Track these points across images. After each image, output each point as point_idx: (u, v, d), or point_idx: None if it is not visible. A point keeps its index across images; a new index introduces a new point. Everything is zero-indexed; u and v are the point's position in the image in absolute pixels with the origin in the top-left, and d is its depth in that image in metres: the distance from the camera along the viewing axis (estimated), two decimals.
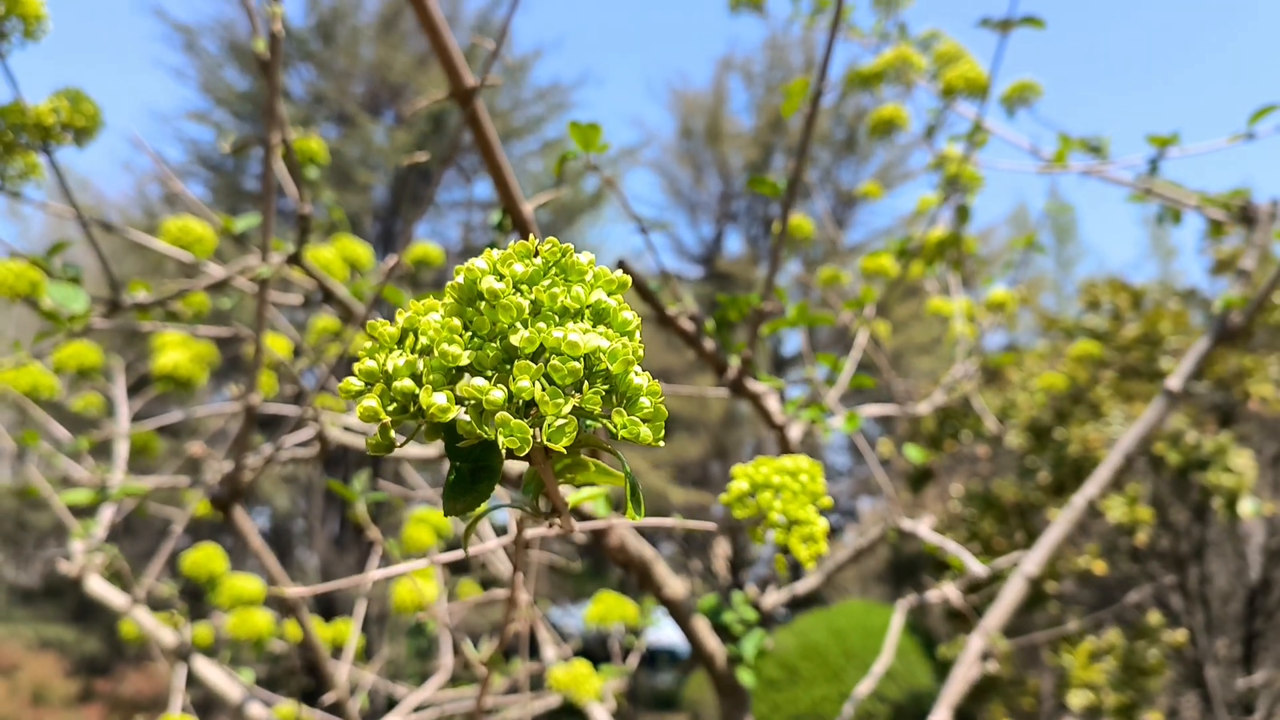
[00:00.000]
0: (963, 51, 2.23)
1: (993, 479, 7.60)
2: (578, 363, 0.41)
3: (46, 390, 2.18)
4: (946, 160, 2.16)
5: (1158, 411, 1.95)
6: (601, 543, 1.55)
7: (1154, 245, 18.95)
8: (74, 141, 1.47)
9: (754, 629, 1.73)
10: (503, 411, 0.41)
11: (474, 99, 1.16)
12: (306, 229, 1.47)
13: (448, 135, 16.55)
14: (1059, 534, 1.97)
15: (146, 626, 1.87)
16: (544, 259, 0.46)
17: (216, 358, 2.38)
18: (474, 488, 0.46)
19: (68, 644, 15.04)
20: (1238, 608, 7.50)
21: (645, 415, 0.43)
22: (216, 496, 1.39)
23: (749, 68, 20.03)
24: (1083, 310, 7.92)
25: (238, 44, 16.53)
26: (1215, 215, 1.99)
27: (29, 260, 1.48)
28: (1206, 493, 5.80)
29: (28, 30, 1.43)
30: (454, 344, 0.43)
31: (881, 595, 15.44)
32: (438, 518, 2.35)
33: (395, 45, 17.10)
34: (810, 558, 0.89)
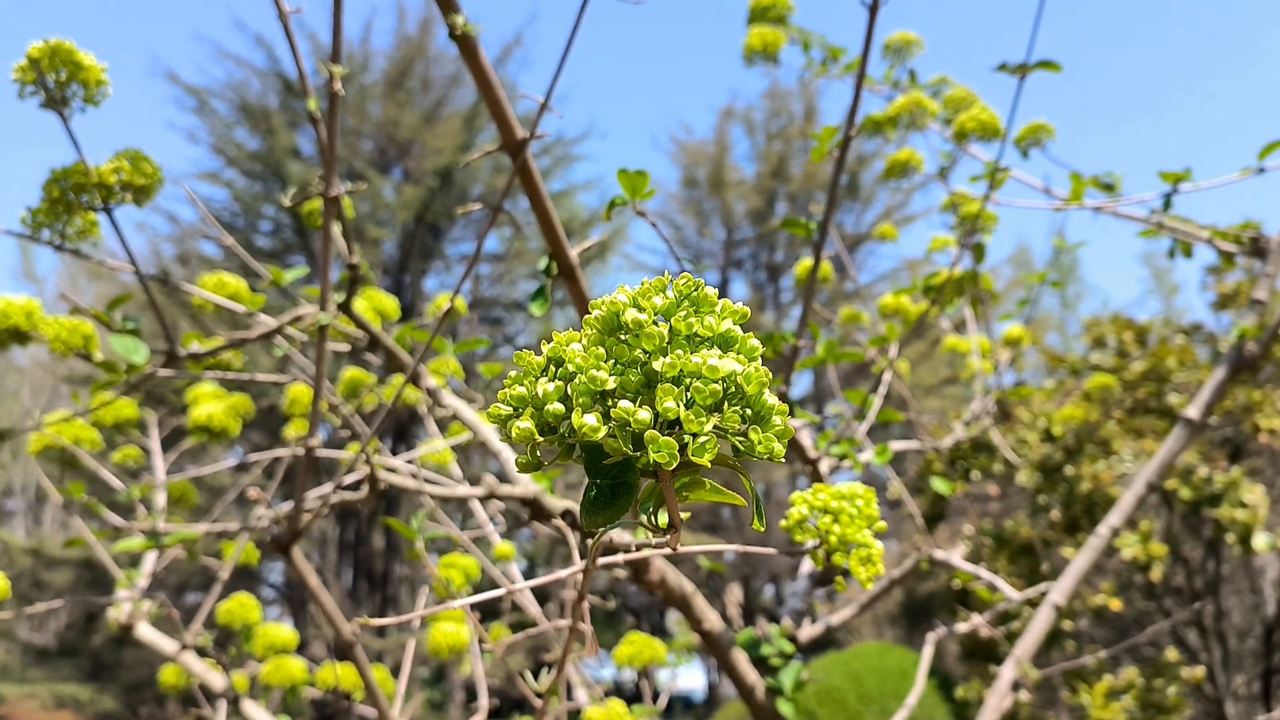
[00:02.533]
0: (973, 96, 2.31)
1: (1004, 518, 7.61)
2: (717, 385, 0.47)
3: (89, 443, 2.23)
4: (961, 200, 2.22)
5: (1179, 440, 1.99)
6: (643, 577, 1.59)
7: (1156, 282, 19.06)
8: (133, 200, 1.53)
9: (792, 661, 1.77)
10: (651, 430, 0.46)
11: (524, 150, 1.22)
12: (356, 279, 1.53)
13: (455, 190, 16.72)
14: (1085, 563, 2.01)
15: (195, 671, 1.91)
16: (677, 292, 0.51)
17: (250, 409, 2.43)
18: (614, 502, 0.50)
19: (84, 702, 14.98)
20: (1255, 644, 7.47)
21: (777, 432, 0.48)
22: (277, 537, 1.43)
23: (750, 117, 20.28)
24: (1088, 348, 7.97)
25: (249, 105, 16.76)
26: (1227, 248, 2.05)
27: (92, 314, 1.53)
28: (1219, 528, 5.81)
29: (88, 95, 1.50)
30: (600, 370, 0.48)
31: (895, 637, 15.36)
32: (467, 561, 2.39)
33: (402, 103, 17.33)
34: (868, 579, 0.93)
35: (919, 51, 2.50)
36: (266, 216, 17.33)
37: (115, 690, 16.01)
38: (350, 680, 2.41)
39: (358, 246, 1.47)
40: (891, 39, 2.49)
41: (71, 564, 16.49)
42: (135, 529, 1.94)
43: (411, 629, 2.18)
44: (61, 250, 1.55)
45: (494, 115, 1.22)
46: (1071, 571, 1.98)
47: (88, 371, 15.02)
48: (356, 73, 17.19)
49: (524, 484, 1.61)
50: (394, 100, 17.37)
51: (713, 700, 20.48)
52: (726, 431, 0.48)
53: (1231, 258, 2.06)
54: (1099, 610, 6.37)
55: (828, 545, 0.94)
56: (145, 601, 1.98)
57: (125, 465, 2.60)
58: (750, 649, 1.77)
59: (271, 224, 17.43)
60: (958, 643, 7.21)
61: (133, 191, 1.52)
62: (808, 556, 2.06)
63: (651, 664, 2.25)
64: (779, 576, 19.77)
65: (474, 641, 2.33)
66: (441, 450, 2.33)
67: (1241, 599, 7.74)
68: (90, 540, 2.20)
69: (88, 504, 2.25)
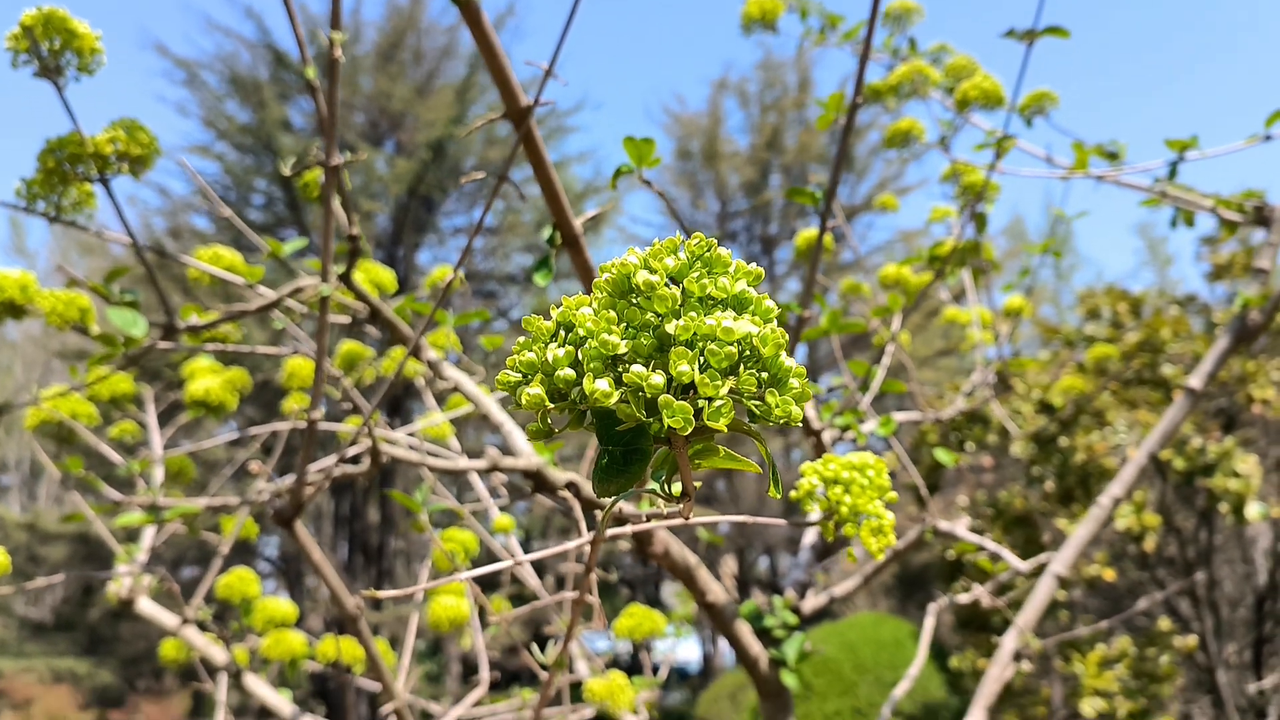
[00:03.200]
0: (975, 64, 2.29)
1: (998, 489, 7.63)
2: (733, 347, 0.45)
3: (85, 418, 2.22)
4: (963, 170, 2.21)
5: (1181, 410, 1.99)
6: (646, 549, 1.59)
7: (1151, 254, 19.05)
8: (130, 171, 1.51)
9: (795, 632, 1.77)
10: (665, 395, 0.45)
11: (528, 118, 1.20)
12: (356, 251, 1.51)
13: (448, 163, 16.64)
14: (1087, 534, 2.01)
15: (197, 645, 1.90)
16: (689, 253, 0.50)
17: (248, 384, 2.42)
18: (627, 469, 0.49)
19: (81, 676, 15.03)
20: (1246, 613, 7.52)
21: (795, 395, 0.47)
22: (280, 511, 1.43)
23: (744, 88, 20.19)
24: (1083, 320, 7.97)
25: (239, 77, 16.64)
26: (1230, 217, 2.04)
27: (90, 286, 1.52)
28: (1213, 498, 5.83)
29: (82, 64, 1.48)
30: (612, 334, 0.47)
31: (890, 608, 15.44)
32: (465, 535, 2.39)
33: (394, 76, 17.23)
34: (880, 550, 0.93)
35: (919, 19, 2.48)
36: (258, 190, 17.26)
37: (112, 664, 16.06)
38: (350, 653, 2.41)
39: (356, 217, 1.45)
40: (891, 6, 2.47)
41: (67, 539, 16.52)
42: (134, 503, 1.93)
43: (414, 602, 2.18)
44: (57, 222, 1.53)
45: (497, 82, 1.20)
46: (1073, 542, 1.98)
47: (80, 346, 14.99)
48: (348, 44, 17.05)
49: (527, 456, 1.60)
50: (386, 72, 17.26)
51: (708, 671, 20.60)
52: (742, 395, 0.47)
53: (1234, 226, 2.05)
54: (1092, 580, 6.41)
55: (839, 516, 0.94)
56: (145, 576, 1.97)
57: (122, 440, 2.59)
58: (754, 621, 1.77)
59: (263, 198, 17.36)
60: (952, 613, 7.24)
61: (129, 162, 1.51)
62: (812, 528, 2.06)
63: (651, 636, 2.25)
64: (774, 549, 19.84)
65: (474, 615, 2.33)
66: (441, 424, 2.32)
67: (1233, 568, 7.78)
68: (89, 515, 2.19)
69: (86, 479, 2.24)
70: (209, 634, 2.04)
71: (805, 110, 19.60)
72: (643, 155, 1.16)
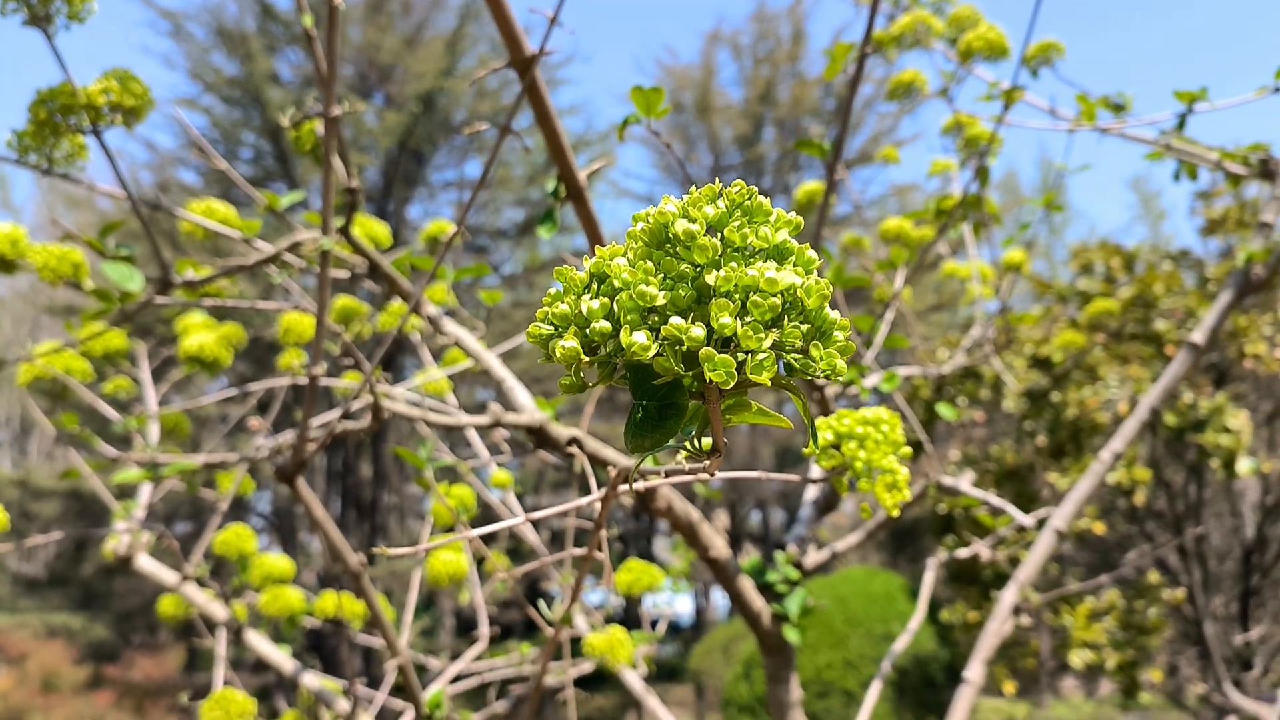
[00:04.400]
0: (978, 15, 2.25)
1: (989, 444, 7.66)
2: (776, 299, 0.44)
3: (80, 374, 2.20)
4: (966, 122, 2.18)
5: (1182, 364, 1.98)
6: (649, 505, 1.58)
7: (1144, 208, 19.03)
8: (123, 122, 1.48)
9: (797, 587, 1.77)
10: (707, 348, 0.44)
11: (533, 67, 1.17)
12: (355, 204, 1.49)
13: (438, 116, 16.49)
14: (1087, 488, 2.00)
15: (197, 601, 1.90)
16: (729, 200, 0.48)
17: (243, 339, 2.40)
18: (662, 424, 0.48)
19: (75, 631, 15.10)
20: (1234, 565, 7.59)
21: (840, 348, 0.46)
22: (281, 468, 1.41)
23: (737, 40, 20.00)
24: (1076, 274, 7.96)
25: (226, 29, 16.41)
26: (1235, 169, 2.02)
27: (85, 240, 1.49)
28: (1203, 453, 5.86)
29: (73, 12, 1.44)
30: (650, 285, 0.45)
31: (880, 561, 15.56)
32: (462, 490, 2.38)
33: (383, 27, 17.01)
34: (895, 505, 0.92)
35: None
36: (246, 144, 17.09)
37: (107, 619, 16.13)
38: (350, 609, 2.41)
39: (356, 170, 1.43)
40: None
41: (59, 495, 16.52)
42: (132, 460, 1.92)
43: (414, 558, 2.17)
44: (49, 174, 1.51)
45: (501, 30, 1.17)
46: (1073, 497, 1.98)
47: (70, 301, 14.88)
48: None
49: (529, 412, 1.59)
50: (374, 24, 17.04)
51: (700, 624, 20.77)
52: (784, 348, 0.45)
53: (1238, 179, 2.03)
54: (1082, 534, 6.45)
55: (853, 471, 0.93)
56: (144, 533, 1.96)
57: (116, 396, 2.57)
58: (756, 576, 1.77)
59: (252, 151, 17.19)
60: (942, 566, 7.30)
61: (122, 113, 1.48)
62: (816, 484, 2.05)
63: (649, 591, 2.26)
64: (765, 503, 19.94)
65: (473, 570, 2.33)
66: (440, 379, 2.30)
67: (1221, 522, 7.84)
68: (85, 471, 2.17)
69: (81, 435, 2.22)
70: (208, 590, 2.04)
71: (799, 63, 19.44)
72: (651, 105, 1.14)
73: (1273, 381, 6.91)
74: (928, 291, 16.59)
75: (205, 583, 2.24)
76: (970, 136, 2.09)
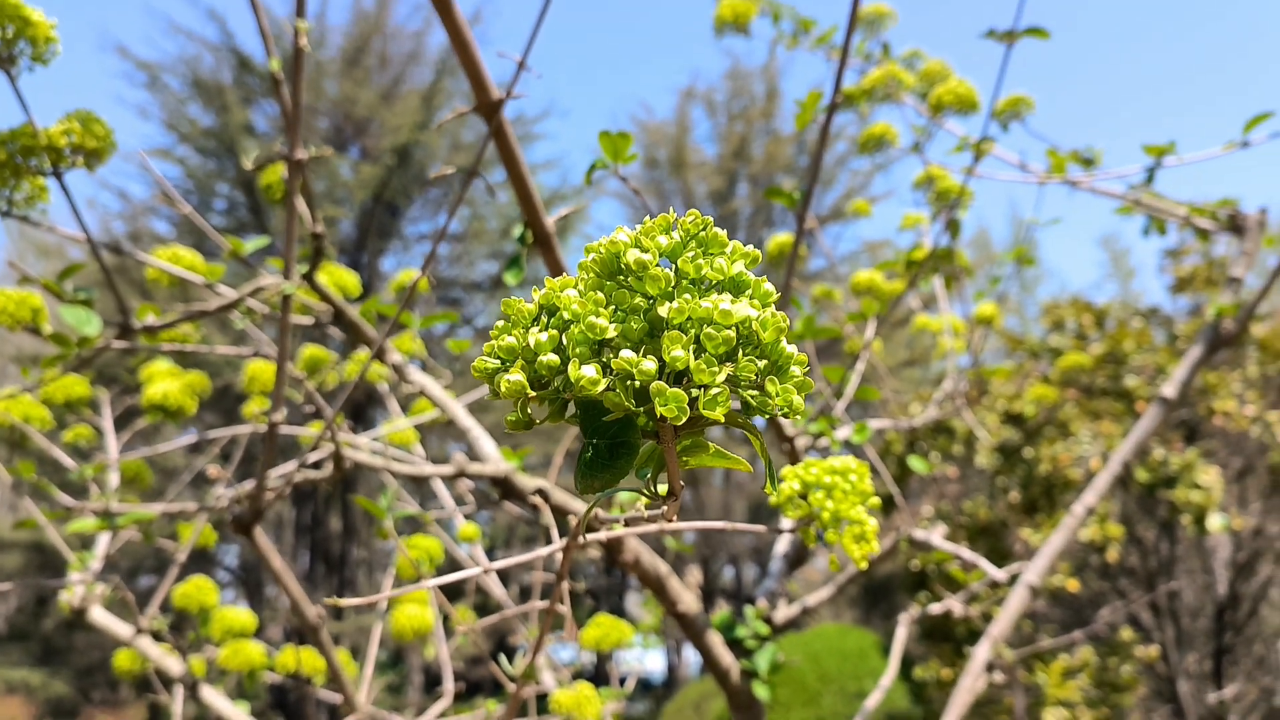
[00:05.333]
0: (948, 69, 2.27)
1: (962, 500, 7.66)
2: (730, 331, 0.42)
3: (39, 421, 2.15)
4: (937, 175, 2.19)
5: (1153, 419, 1.98)
6: (617, 558, 1.55)
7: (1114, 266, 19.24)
8: (84, 164, 1.46)
9: (767, 643, 1.73)
10: (658, 382, 0.42)
11: (499, 111, 1.16)
12: (320, 249, 1.47)
13: (413, 169, 16.55)
14: (1060, 542, 1.99)
15: (151, 655, 1.85)
16: (683, 231, 0.46)
17: (207, 388, 2.36)
18: (613, 464, 0.46)
19: (34, 688, 14.75)
20: (1207, 623, 7.58)
21: (796, 384, 0.44)
22: (238, 517, 1.38)
23: (712, 97, 20.22)
24: (1047, 330, 8.03)
25: (202, 80, 16.46)
26: (1204, 224, 2.03)
27: (42, 284, 1.46)
28: (1174, 509, 5.88)
29: (36, 53, 1.42)
30: (600, 316, 0.43)
31: (854, 618, 15.45)
32: (429, 543, 2.34)
33: (360, 81, 17.11)
34: (863, 556, 0.89)
35: (892, 24, 2.47)
36: (220, 195, 17.07)
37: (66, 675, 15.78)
38: (311, 664, 2.35)
39: (321, 215, 1.41)
40: (865, 11, 2.45)
41: (21, 547, 16.22)
42: (87, 509, 1.87)
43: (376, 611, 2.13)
44: (9, 217, 1.48)
45: (469, 74, 1.16)
46: (1046, 551, 1.96)
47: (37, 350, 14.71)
48: (313, 49, 16.94)
49: (495, 462, 1.56)
50: (351, 77, 17.14)
51: (672, 682, 20.52)
52: (740, 383, 0.43)
53: (1207, 235, 2.05)
54: (1056, 591, 6.44)
55: (820, 522, 0.90)
56: (98, 584, 1.91)
57: (77, 445, 2.52)
58: (725, 631, 1.74)
59: (225, 202, 17.17)
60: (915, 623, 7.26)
61: (84, 155, 1.45)
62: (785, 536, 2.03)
63: (618, 647, 2.21)
64: (738, 558, 19.83)
65: (438, 624, 2.29)
66: (405, 429, 2.27)
67: (1194, 579, 7.85)
68: (41, 521, 2.12)
69: (39, 484, 2.17)
70: (164, 644, 1.98)
71: (773, 120, 19.66)
72: (619, 150, 1.13)
73: (1242, 438, 6.96)
74: (900, 347, 16.68)
75: (162, 636, 2.18)
76: (941, 189, 2.09)
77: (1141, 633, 7.04)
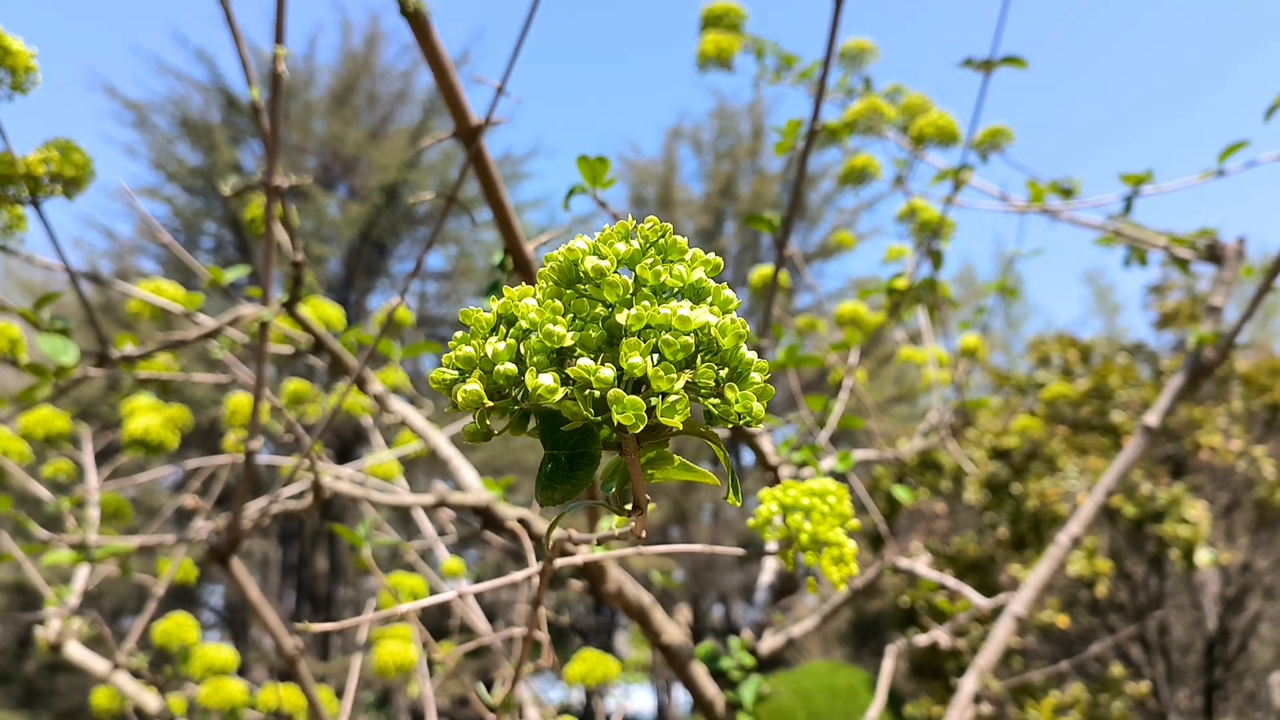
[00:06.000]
0: (929, 102, 2.29)
1: (951, 536, 7.64)
2: (689, 338, 0.42)
3: (17, 456, 2.13)
4: (920, 208, 2.20)
5: (1137, 448, 1.97)
6: (599, 588, 1.54)
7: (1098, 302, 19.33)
8: (63, 193, 1.45)
9: (752, 674, 1.72)
10: (615, 389, 0.41)
11: (478, 138, 1.16)
12: (299, 279, 1.46)
13: (401, 208, 16.60)
14: (1046, 573, 1.98)
15: (129, 692, 1.82)
16: (643, 239, 0.46)
17: (188, 421, 2.35)
18: (573, 475, 0.45)
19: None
20: (1197, 658, 7.55)
21: (756, 391, 0.43)
22: (215, 547, 1.36)
23: (698, 136, 20.35)
24: (1033, 366, 8.05)
25: (190, 120, 16.51)
26: (1183, 254, 2.04)
27: (18, 312, 1.45)
28: (1163, 544, 5.87)
29: (16, 83, 1.42)
30: (557, 324, 0.42)
31: (844, 656, 15.35)
32: (414, 581, 2.32)
33: (348, 120, 17.18)
34: (842, 579, 0.89)
35: (874, 59, 2.49)
36: (208, 233, 17.08)
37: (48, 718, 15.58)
38: (292, 702, 2.32)
39: (301, 243, 1.40)
40: (847, 46, 2.47)
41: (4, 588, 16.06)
42: (63, 542, 1.85)
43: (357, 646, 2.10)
44: None
45: (447, 100, 1.16)
46: (1032, 582, 1.95)
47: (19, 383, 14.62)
48: (301, 88, 17.01)
49: (476, 492, 1.55)
50: (339, 116, 17.22)
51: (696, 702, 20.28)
52: (699, 390, 0.43)
53: (1187, 264, 2.05)
54: (1045, 627, 6.41)
55: (798, 544, 0.90)
56: (75, 619, 1.88)
57: (57, 480, 2.50)
58: (709, 662, 1.72)
59: (213, 240, 17.18)
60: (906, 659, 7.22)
61: (63, 183, 1.45)
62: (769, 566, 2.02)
63: (604, 682, 2.19)
64: (728, 596, 19.71)
65: (422, 661, 2.26)
66: (388, 461, 2.26)
67: (1183, 614, 7.83)
68: (18, 556, 2.10)
69: (17, 519, 2.15)
70: (142, 681, 1.95)
71: (759, 158, 19.78)
72: (597, 175, 1.13)
73: (1229, 472, 6.96)
74: (888, 384, 16.70)
75: (141, 673, 2.16)
76: (923, 221, 2.10)
77: (1132, 668, 7.01)
